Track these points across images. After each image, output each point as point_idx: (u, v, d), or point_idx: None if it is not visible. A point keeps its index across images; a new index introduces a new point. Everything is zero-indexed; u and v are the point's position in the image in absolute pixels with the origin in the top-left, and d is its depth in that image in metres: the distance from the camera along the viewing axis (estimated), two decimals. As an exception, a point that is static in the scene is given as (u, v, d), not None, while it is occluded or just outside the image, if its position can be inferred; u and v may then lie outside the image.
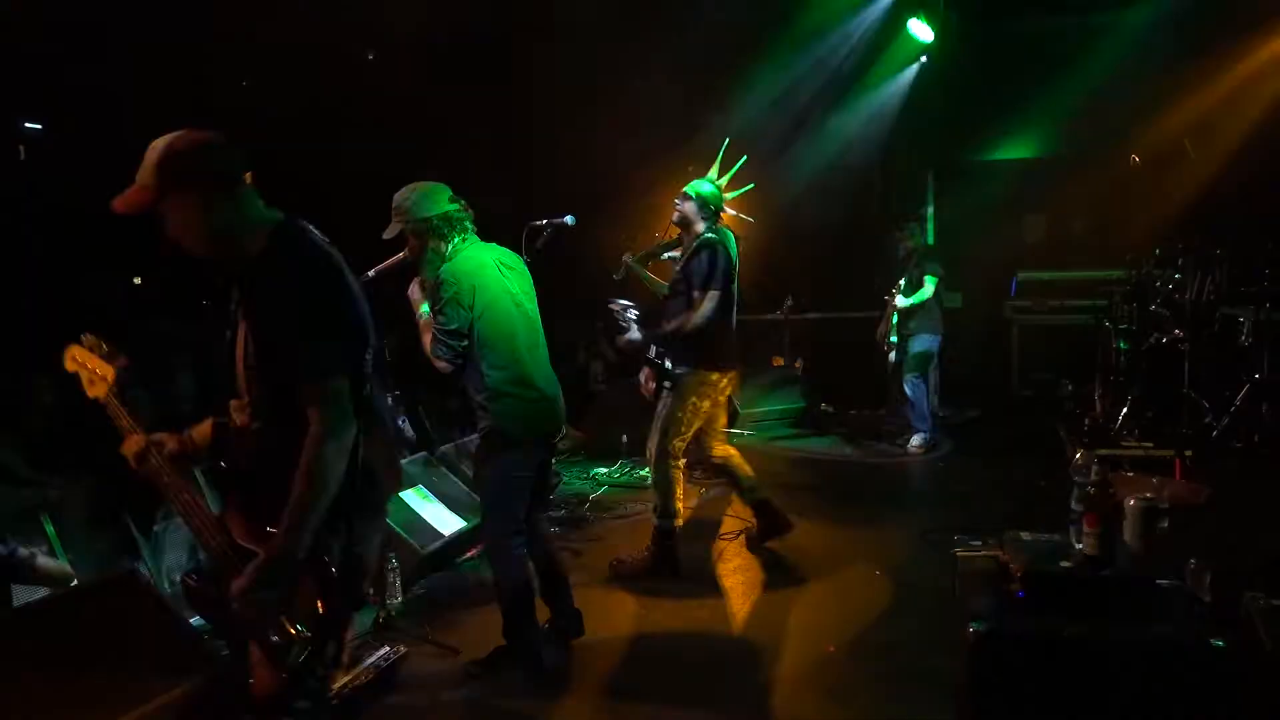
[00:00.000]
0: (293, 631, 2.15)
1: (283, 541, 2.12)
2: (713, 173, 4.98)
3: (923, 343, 7.34)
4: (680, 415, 4.73)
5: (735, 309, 4.82)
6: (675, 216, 4.85)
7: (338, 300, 2.25)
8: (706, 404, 4.80)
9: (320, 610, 2.17)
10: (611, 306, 4.74)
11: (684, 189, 4.84)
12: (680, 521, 4.85)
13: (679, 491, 4.79)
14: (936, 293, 7.30)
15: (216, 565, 2.28)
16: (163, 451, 2.39)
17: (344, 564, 2.22)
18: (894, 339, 7.46)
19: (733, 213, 5.08)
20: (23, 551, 4.44)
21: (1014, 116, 9.20)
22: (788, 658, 3.88)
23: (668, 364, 4.71)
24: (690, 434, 4.83)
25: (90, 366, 2.44)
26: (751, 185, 5.15)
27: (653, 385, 4.82)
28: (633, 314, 4.70)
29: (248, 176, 2.28)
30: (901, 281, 7.39)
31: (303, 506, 2.12)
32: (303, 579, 2.16)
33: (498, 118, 8.11)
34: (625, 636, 4.08)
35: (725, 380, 4.86)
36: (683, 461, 4.84)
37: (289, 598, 2.15)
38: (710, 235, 4.74)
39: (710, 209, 4.80)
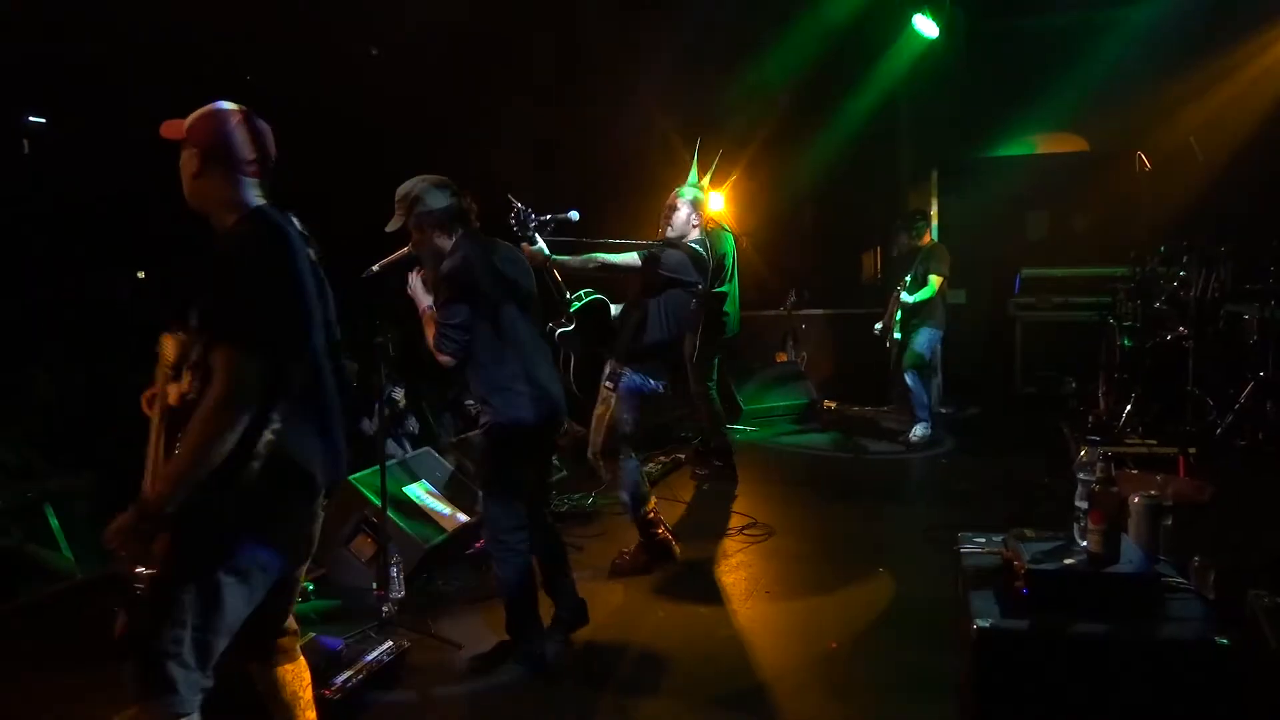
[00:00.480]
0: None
1: (158, 492, 2.18)
2: (693, 175, 4.94)
3: (924, 336, 7.34)
4: (624, 417, 4.66)
5: (695, 321, 4.85)
6: (670, 232, 4.77)
7: (277, 284, 2.29)
8: (646, 405, 4.76)
9: (163, 570, 2.23)
10: (514, 203, 4.00)
11: (671, 200, 4.79)
12: (653, 503, 4.81)
13: (639, 478, 4.75)
14: (941, 290, 7.29)
15: None
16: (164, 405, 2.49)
17: (202, 534, 2.23)
18: (898, 335, 7.45)
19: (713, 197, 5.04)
20: (29, 545, 4.47)
21: (1018, 113, 9.18)
22: (789, 655, 3.88)
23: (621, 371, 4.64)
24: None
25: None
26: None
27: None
28: (531, 221, 3.98)
29: (254, 168, 2.41)
30: (907, 278, 7.37)
31: (179, 464, 2.16)
32: (162, 536, 2.21)
33: (500, 113, 8.10)
34: (627, 633, 4.08)
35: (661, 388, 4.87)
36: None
37: (144, 548, 2.22)
38: (694, 245, 4.72)
39: (698, 212, 4.79)
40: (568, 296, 4.42)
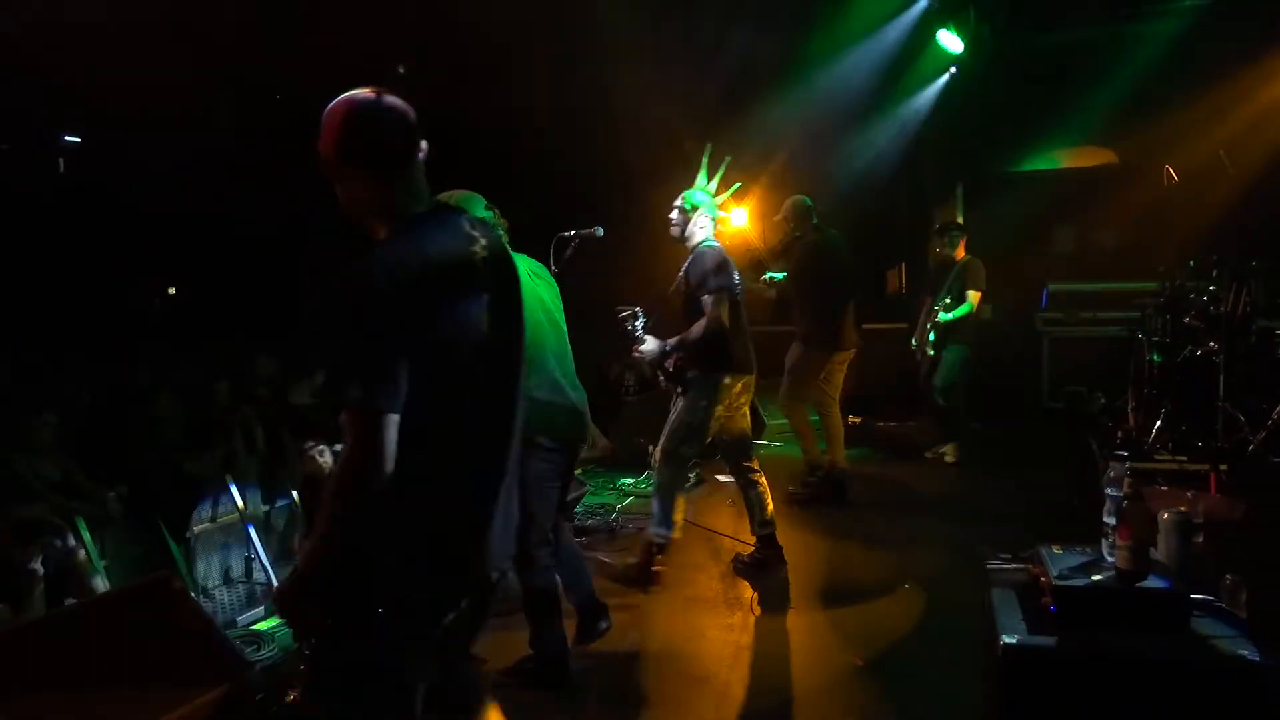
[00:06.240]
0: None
1: (298, 568, 2.00)
2: (701, 178, 4.91)
3: (958, 355, 7.27)
4: (690, 420, 4.60)
5: (742, 313, 4.73)
6: (674, 232, 4.82)
7: (421, 322, 1.90)
8: (720, 409, 4.63)
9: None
10: (621, 313, 4.60)
11: (678, 202, 4.81)
12: (677, 534, 4.70)
13: (679, 502, 4.67)
14: (979, 307, 7.19)
15: None
16: None
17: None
18: (931, 351, 7.35)
19: (723, 214, 5.04)
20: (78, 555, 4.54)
21: (1044, 127, 9.13)
22: (814, 670, 3.86)
23: (676, 370, 4.66)
24: (702, 441, 4.70)
25: None
26: (738, 184, 5.09)
27: (662, 379, 4.79)
28: (640, 321, 4.59)
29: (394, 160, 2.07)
30: (946, 298, 7.24)
31: (313, 534, 1.95)
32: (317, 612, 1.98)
33: (530, 127, 8.16)
34: (650, 646, 4.08)
35: (739, 385, 4.71)
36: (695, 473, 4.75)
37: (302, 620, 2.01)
38: (711, 241, 4.75)
39: (707, 217, 4.79)
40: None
